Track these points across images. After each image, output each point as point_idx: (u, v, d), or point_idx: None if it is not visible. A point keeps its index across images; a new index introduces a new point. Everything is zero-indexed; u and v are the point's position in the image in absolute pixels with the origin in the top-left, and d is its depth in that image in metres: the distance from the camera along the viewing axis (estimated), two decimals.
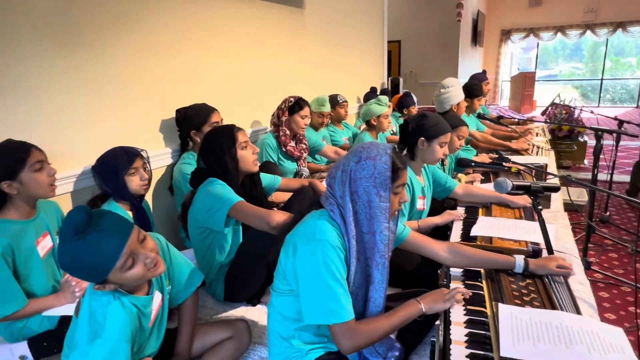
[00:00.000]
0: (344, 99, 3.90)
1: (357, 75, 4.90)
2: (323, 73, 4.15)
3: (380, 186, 1.24)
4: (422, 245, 1.56)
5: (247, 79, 3.04)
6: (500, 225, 1.86)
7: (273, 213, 1.63)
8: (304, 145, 2.99)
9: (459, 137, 2.66)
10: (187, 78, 2.49)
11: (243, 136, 1.88)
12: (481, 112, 4.18)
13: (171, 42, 2.35)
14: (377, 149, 1.27)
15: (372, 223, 1.24)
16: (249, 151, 1.88)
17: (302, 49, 3.74)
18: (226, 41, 2.79)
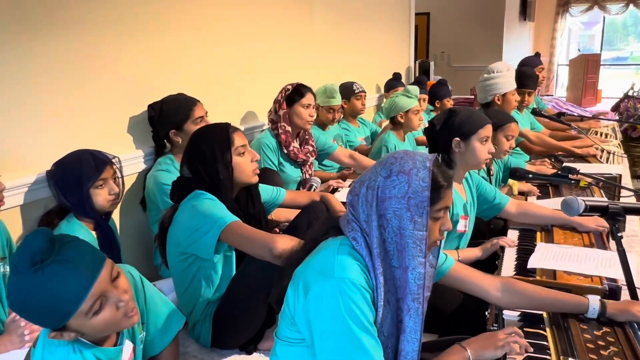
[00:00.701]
0: (360, 89, 3.91)
1: (376, 58, 4.92)
2: (333, 56, 4.17)
3: (416, 209, 1.22)
4: (468, 280, 1.54)
5: (239, 63, 3.05)
6: (566, 255, 1.85)
7: (277, 238, 1.63)
8: (311, 147, 3.00)
9: (507, 137, 2.66)
10: (163, 63, 2.50)
11: (241, 138, 1.88)
12: (536, 106, 4.18)
13: (141, 19, 2.37)
14: (414, 160, 1.26)
15: (404, 256, 1.23)
16: (247, 158, 1.88)
17: (307, 25, 3.76)
18: (212, 16, 2.81)
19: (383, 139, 3.30)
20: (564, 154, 3.39)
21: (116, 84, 2.27)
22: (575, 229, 2.11)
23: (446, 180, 1.30)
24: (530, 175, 2.08)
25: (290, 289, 1.30)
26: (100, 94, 2.19)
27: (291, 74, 3.51)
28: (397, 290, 1.26)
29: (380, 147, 3.25)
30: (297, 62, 3.64)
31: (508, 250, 2.01)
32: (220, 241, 1.71)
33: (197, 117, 2.30)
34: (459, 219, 2.07)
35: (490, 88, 3.30)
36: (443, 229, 1.33)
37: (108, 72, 2.22)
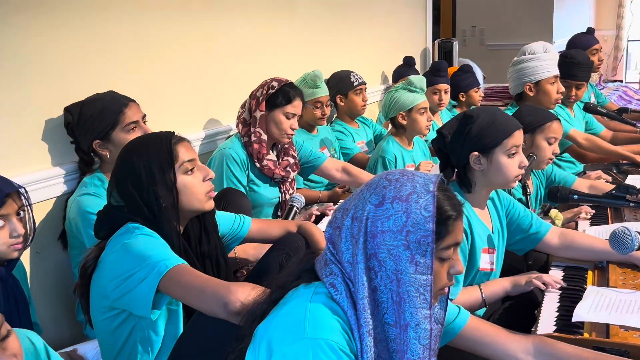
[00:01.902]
0: (359, 80, 3.93)
1: (382, 39, 4.95)
2: (324, 38, 4.19)
3: (417, 247, 1.23)
4: (488, 342, 1.54)
5: (196, 52, 3.07)
6: (624, 304, 1.84)
7: (235, 288, 1.61)
8: (292, 159, 3.01)
9: (549, 141, 2.67)
10: (91, 52, 2.51)
11: (188, 151, 1.88)
12: (591, 100, 4.21)
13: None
14: (413, 183, 1.27)
15: (403, 309, 1.23)
16: (197, 177, 1.88)
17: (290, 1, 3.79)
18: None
19: (381, 148, 3.31)
20: (630, 163, 3.40)
21: (25, 79, 2.27)
22: (637, 266, 2.10)
23: (455, 208, 1.30)
24: (576, 196, 2.09)
25: (250, 353, 1.30)
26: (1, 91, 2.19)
27: (267, 64, 3.54)
28: (393, 356, 1.26)
29: (377, 159, 3.26)
30: (276, 46, 3.67)
31: (549, 295, 2.01)
32: (160, 292, 1.70)
33: (129, 122, 2.31)
34: (479, 254, 2.07)
35: (521, 75, 3.35)
36: (452, 273, 1.34)
37: (14, 64, 2.23)
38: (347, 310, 1.25)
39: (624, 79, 10.70)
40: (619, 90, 6.81)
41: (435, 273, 1.27)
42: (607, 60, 10.78)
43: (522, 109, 2.84)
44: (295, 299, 1.29)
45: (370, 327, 1.24)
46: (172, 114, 2.91)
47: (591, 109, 3.54)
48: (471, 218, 2.07)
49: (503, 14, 8.54)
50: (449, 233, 1.29)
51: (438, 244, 1.26)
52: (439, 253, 1.28)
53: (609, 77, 10.60)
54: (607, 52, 10.86)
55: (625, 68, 11.06)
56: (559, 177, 2.91)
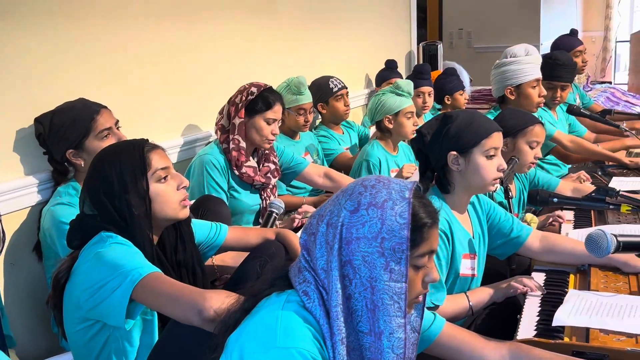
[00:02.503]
0: (339, 86, 3.93)
1: (365, 42, 4.96)
2: (307, 42, 4.20)
3: (392, 254, 1.24)
4: (463, 348, 1.55)
5: (174, 58, 3.07)
6: (604, 307, 1.85)
7: (210, 295, 1.62)
8: (273, 165, 3.01)
9: (531, 145, 2.69)
10: (63, 58, 2.50)
11: (161, 159, 1.88)
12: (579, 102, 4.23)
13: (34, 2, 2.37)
14: (389, 189, 1.28)
15: (377, 317, 1.24)
16: (170, 185, 1.87)
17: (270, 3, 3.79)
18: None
19: (365, 151, 3.32)
20: (612, 164, 3.42)
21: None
22: (619, 269, 2.12)
23: (430, 216, 1.31)
24: (556, 199, 2.10)
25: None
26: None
27: (248, 69, 3.54)
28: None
29: (361, 163, 3.27)
30: (257, 51, 3.67)
31: (530, 299, 2.01)
32: (134, 302, 1.70)
33: (102, 129, 2.30)
34: (460, 259, 2.08)
35: (502, 78, 3.37)
36: (427, 281, 1.34)
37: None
38: (319, 319, 1.25)
39: (612, 80, 10.78)
40: (607, 91, 6.87)
41: (410, 281, 1.27)
42: (596, 61, 10.86)
43: (505, 112, 2.86)
44: (266, 308, 1.29)
45: (344, 336, 1.24)
46: (149, 120, 2.90)
47: (575, 111, 3.56)
48: (452, 223, 2.08)
49: (490, 16, 8.59)
50: (424, 240, 1.29)
51: (413, 252, 1.27)
52: (414, 261, 1.29)
53: (598, 78, 10.66)
54: (595, 54, 10.94)
55: (614, 69, 11.13)
56: (542, 181, 2.93)
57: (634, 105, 6.46)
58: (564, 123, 3.82)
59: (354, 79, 4.62)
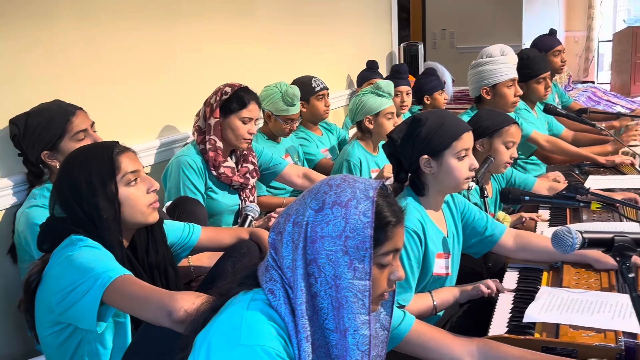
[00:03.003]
0: (321, 85, 3.95)
1: (348, 43, 4.98)
2: (286, 42, 4.21)
3: (355, 252, 1.25)
4: (433, 346, 1.57)
5: (151, 58, 3.07)
6: (575, 304, 1.88)
7: (179, 297, 1.63)
8: (252, 166, 3.02)
9: (507, 145, 2.72)
10: (36, 59, 2.49)
11: (131, 162, 1.88)
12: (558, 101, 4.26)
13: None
14: (353, 188, 1.29)
15: (342, 315, 1.25)
16: (140, 188, 1.87)
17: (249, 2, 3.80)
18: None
19: (346, 151, 3.33)
20: (592, 164, 3.46)
21: None
22: (591, 266, 2.15)
23: (395, 215, 1.33)
24: (527, 197, 2.13)
25: (191, 357, 1.31)
26: None
27: (227, 69, 3.54)
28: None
29: (342, 163, 3.29)
30: (235, 52, 3.68)
31: (503, 297, 2.04)
32: (105, 304, 1.70)
33: (77, 130, 2.30)
34: (433, 259, 2.10)
35: (478, 78, 3.40)
36: (393, 279, 1.36)
37: None
38: (284, 316, 1.27)
39: (595, 80, 10.88)
40: (588, 91, 6.95)
41: (375, 279, 1.29)
42: (578, 61, 10.95)
43: (481, 113, 2.89)
44: (233, 306, 1.31)
45: (309, 333, 1.26)
46: (125, 122, 2.90)
47: (551, 110, 3.60)
48: (425, 223, 2.09)
49: (473, 17, 8.64)
50: (388, 239, 1.31)
51: (377, 250, 1.29)
52: (378, 259, 1.30)
53: (581, 78, 10.76)
54: (578, 54, 11.04)
55: (597, 69, 11.22)
56: (519, 180, 2.96)
57: (614, 104, 6.53)
58: (542, 122, 3.85)
59: (335, 79, 4.63)
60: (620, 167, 3.40)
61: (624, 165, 3.41)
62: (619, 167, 3.40)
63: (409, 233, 2.01)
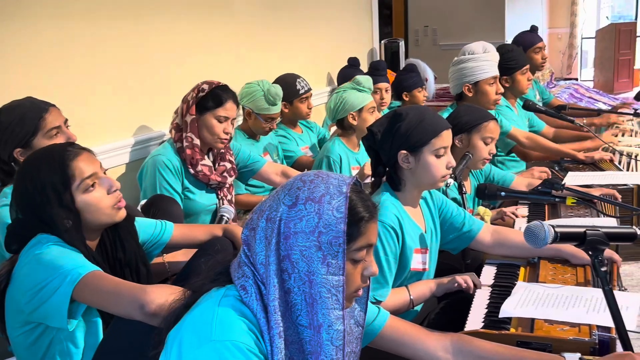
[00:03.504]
0: (306, 88, 3.92)
1: (328, 40, 4.99)
2: (265, 39, 4.20)
3: (329, 248, 1.26)
4: (407, 341, 1.58)
5: (125, 55, 3.06)
6: (551, 298, 1.90)
7: (151, 290, 1.64)
8: (229, 164, 3.01)
9: (485, 141, 2.73)
10: (5, 57, 2.48)
11: (86, 166, 1.83)
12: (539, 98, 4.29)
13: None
14: (327, 184, 1.30)
15: (316, 311, 1.26)
16: (99, 191, 1.85)
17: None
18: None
19: (327, 148, 3.34)
20: (571, 160, 3.49)
21: None
22: (568, 261, 2.17)
23: (368, 210, 1.34)
24: (503, 193, 2.15)
25: (162, 357, 1.31)
26: None
27: (204, 67, 3.53)
28: (307, 358, 1.29)
29: (322, 159, 3.29)
30: (212, 49, 3.67)
31: (480, 292, 2.06)
32: (75, 301, 1.70)
33: (50, 127, 2.28)
34: (411, 254, 2.11)
35: (460, 75, 3.41)
36: (366, 274, 1.37)
37: None
38: (256, 312, 1.27)
39: (579, 77, 10.97)
40: (570, 88, 6.99)
41: (348, 274, 1.30)
42: (562, 58, 11.04)
43: (460, 109, 2.91)
44: (205, 302, 1.31)
45: (281, 329, 1.26)
46: (99, 119, 2.90)
47: (530, 106, 3.63)
48: (402, 219, 2.10)
49: (455, 13, 8.68)
50: (362, 234, 1.32)
51: (350, 246, 1.30)
52: (352, 254, 1.31)
53: (564, 75, 10.84)
54: (561, 51, 11.12)
55: (580, 66, 11.31)
56: (497, 177, 2.98)
57: (597, 101, 6.58)
58: (523, 118, 3.88)
59: (316, 76, 4.64)
60: (599, 164, 3.44)
61: (603, 162, 3.44)
62: (598, 164, 3.44)
63: (385, 228, 2.02)
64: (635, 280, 2.71)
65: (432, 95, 5.85)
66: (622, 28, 9.94)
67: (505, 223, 2.68)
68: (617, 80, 9.77)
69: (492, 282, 2.13)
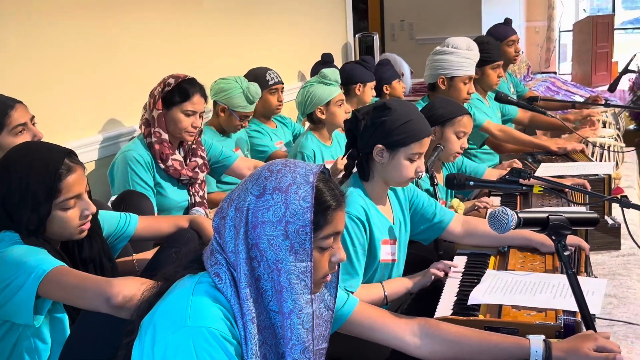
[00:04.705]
0: (276, 79, 3.94)
1: (301, 35, 5.01)
2: (235, 33, 4.22)
3: (296, 236, 1.30)
4: (376, 326, 1.61)
5: (93, 50, 3.06)
6: (519, 285, 1.95)
7: (117, 282, 1.65)
8: (201, 160, 3.03)
9: (458, 135, 2.79)
10: None
11: (76, 185, 1.85)
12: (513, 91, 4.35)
13: None
14: (294, 173, 1.34)
15: (285, 298, 1.30)
16: (74, 212, 1.86)
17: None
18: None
19: (300, 143, 3.36)
20: (544, 152, 3.56)
21: None
22: (537, 250, 2.22)
23: (335, 199, 1.38)
24: (472, 182, 2.19)
25: (136, 345, 1.34)
26: None
27: (173, 61, 3.54)
28: (280, 342, 1.33)
29: (295, 155, 3.32)
30: (181, 43, 3.67)
31: (450, 281, 2.10)
32: (40, 297, 1.72)
33: (16, 124, 2.28)
34: (379, 245, 2.14)
35: (437, 65, 3.44)
36: (334, 261, 1.41)
37: None
38: (230, 299, 1.31)
39: (557, 70, 11.06)
40: (547, 81, 7.06)
41: (316, 261, 1.34)
42: (540, 51, 11.14)
43: (435, 101, 2.94)
44: (178, 289, 1.34)
45: (254, 315, 1.30)
46: (66, 115, 2.89)
47: (502, 98, 3.67)
48: (369, 210, 2.13)
49: (431, 7, 8.71)
50: (328, 223, 1.36)
51: (317, 234, 1.34)
52: (319, 242, 1.35)
53: (542, 69, 10.92)
54: (539, 44, 11.21)
55: (558, 59, 11.40)
56: (469, 169, 3.03)
57: (573, 94, 6.66)
58: (495, 110, 3.94)
59: (288, 72, 4.64)
60: (571, 155, 3.50)
61: (576, 153, 3.50)
62: (570, 155, 3.50)
63: (352, 220, 2.06)
64: (607, 269, 2.76)
65: (408, 90, 5.89)
66: (600, 21, 10.03)
67: (480, 214, 2.73)
68: (595, 74, 9.85)
69: (462, 271, 2.17)
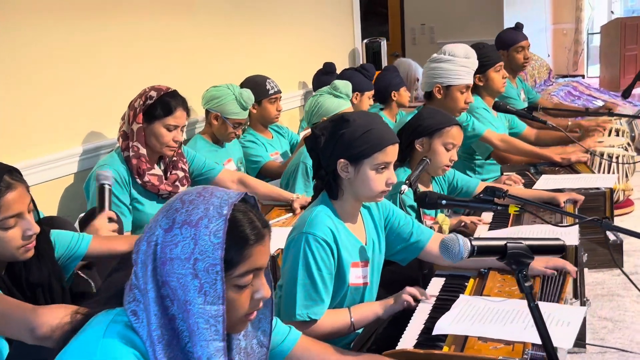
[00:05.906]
0: (275, 88, 3.90)
1: (305, 40, 4.94)
2: (232, 40, 4.17)
3: (205, 276, 1.22)
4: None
5: (74, 59, 3.03)
6: (490, 313, 1.87)
7: (42, 310, 1.62)
8: (182, 173, 2.98)
9: (447, 147, 2.69)
10: None
11: (15, 203, 1.80)
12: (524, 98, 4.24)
13: None
14: (207, 205, 1.25)
15: (194, 342, 1.22)
16: (15, 232, 1.82)
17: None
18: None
19: (302, 153, 3.27)
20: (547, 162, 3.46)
21: None
22: None
23: (255, 232, 1.29)
24: (444, 201, 2.10)
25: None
26: None
27: (161, 70, 3.50)
28: None
29: (297, 165, 3.25)
30: (171, 51, 3.63)
31: (422, 306, 2.01)
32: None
33: None
34: (348, 269, 2.05)
35: (433, 74, 3.35)
36: (257, 298, 1.33)
37: None
38: (146, 341, 1.23)
39: (585, 73, 10.86)
40: (569, 86, 6.91)
41: (232, 301, 1.26)
42: (567, 54, 10.95)
43: (423, 111, 2.86)
44: (90, 329, 1.27)
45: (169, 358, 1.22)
46: (44, 127, 2.86)
47: (500, 107, 3.57)
48: (337, 231, 2.03)
49: (453, 11, 8.68)
50: (245, 259, 1.27)
51: (232, 272, 1.25)
52: (234, 281, 1.27)
53: (570, 71, 10.74)
54: (567, 47, 11.04)
55: (587, 62, 11.19)
56: (461, 183, 2.94)
57: (596, 99, 6.50)
58: (502, 121, 3.83)
59: (288, 79, 4.59)
60: (575, 166, 3.41)
61: (579, 164, 3.40)
62: (574, 166, 3.41)
63: (318, 242, 1.97)
64: (605, 289, 2.64)
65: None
66: (628, 22, 9.82)
67: (467, 231, 2.63)
68: (623, 77, 9.62)
69: (437, 294, 2.09)
